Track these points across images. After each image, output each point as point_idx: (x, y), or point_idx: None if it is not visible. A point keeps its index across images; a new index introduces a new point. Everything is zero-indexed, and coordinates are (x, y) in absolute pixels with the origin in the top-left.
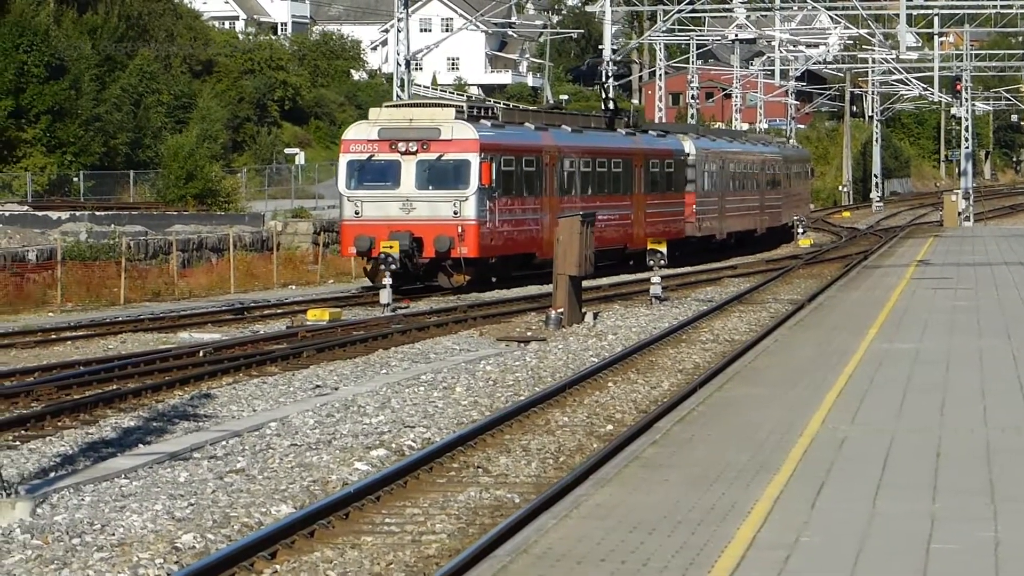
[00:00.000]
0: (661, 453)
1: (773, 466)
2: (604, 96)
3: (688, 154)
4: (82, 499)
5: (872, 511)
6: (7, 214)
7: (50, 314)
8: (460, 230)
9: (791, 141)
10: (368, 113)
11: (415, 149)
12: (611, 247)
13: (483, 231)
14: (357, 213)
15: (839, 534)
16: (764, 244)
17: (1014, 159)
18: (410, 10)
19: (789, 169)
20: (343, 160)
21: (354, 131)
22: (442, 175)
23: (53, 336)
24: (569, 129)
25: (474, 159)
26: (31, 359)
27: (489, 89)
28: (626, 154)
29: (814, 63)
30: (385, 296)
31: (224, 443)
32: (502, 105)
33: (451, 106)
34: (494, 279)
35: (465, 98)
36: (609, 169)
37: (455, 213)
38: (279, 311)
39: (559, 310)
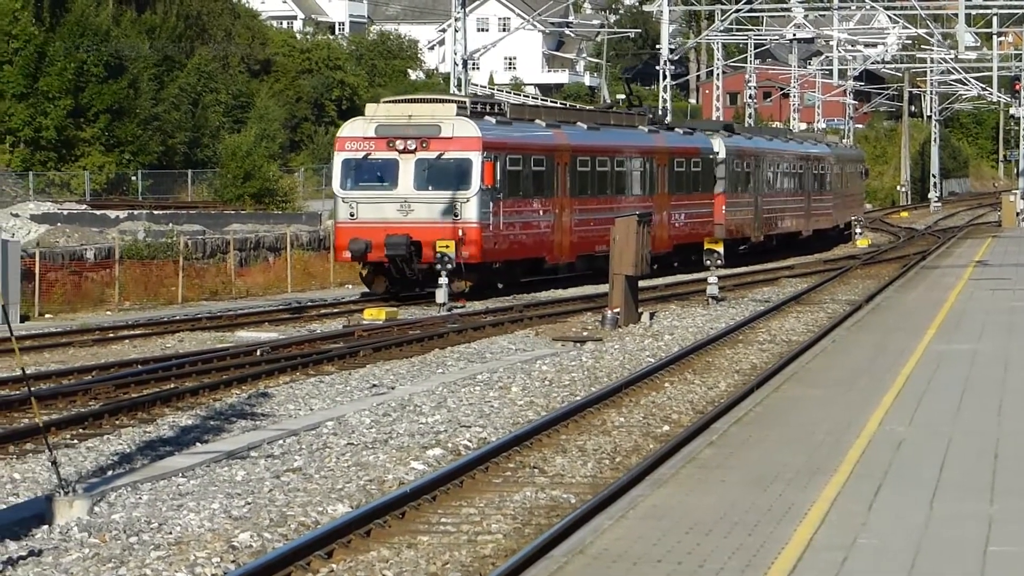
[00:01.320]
0: (718, 454)
1: (830, 467)
2: (627, 92)
3: (717, 152)
4: (139, 497)
5: (929, 513)
6: (66, 213)
7: (108, 313)
8: (461, 234)
9: (845, 140)
10: (365, 108)
11: (414, 147)
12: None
13: (486, 235)
14: (352, 215)
15: (896, 536)
16: (811, 247)
17: None
18: (467, 10)
19: (841, 169)
20: (337, 159)
21: (349, 128)
22: (442, 175)
23: (111, 335)
24: (585, 127)
25: (476, 158)
26: (89, 358)
27: (546, 89)
28: (647, 152)
29: (872, 63)
30: (441, 295)
31: (281, 442)
32: (538, 99)
33: (452, 102)
34: (500, 285)
35: (490, 94)
36: (629, 169)
37: (456, 216)
38: (336, 310)
39: (615, 310)
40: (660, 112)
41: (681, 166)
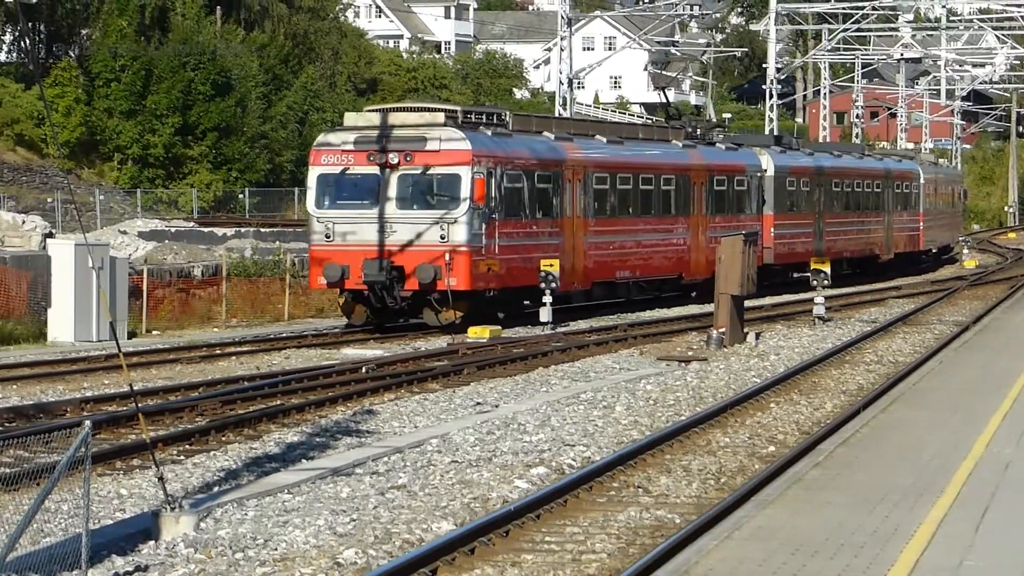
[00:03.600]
0: (824, 475)
1: (937, 489)
2: (664, 103)
3: (765, 170)
4: (245, 514)
5: None
6: (173, 230)
7: (215, 330)
8: (448, 258)
9: (942, 160)
10: (345, 119)
11: (396, 161)
12: (659, 276)
13: (476, 259)
14: (328, 237)
15: (1003, 558)
16: (892, 271)
17: None
18: (573, 29)
19: (933, 188)
20: (312, 173)
21: (326, 139)
22: (427, 192)
23: (218, 351)
24: (605, 140)
25: (465, 173)
26: (196, 374)
27: (651, 107)
28: (681, 170)
29: (980, 83)
30: (545, 314)
31: (386, 459)
32: (643, 117)
33: (440, 110)
34: (501, 315)
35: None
36: (657, 187)
37: (442, 237)
38: (435, 328)
39: (721, 330)
40: (703, 124)
41: (722, 184)
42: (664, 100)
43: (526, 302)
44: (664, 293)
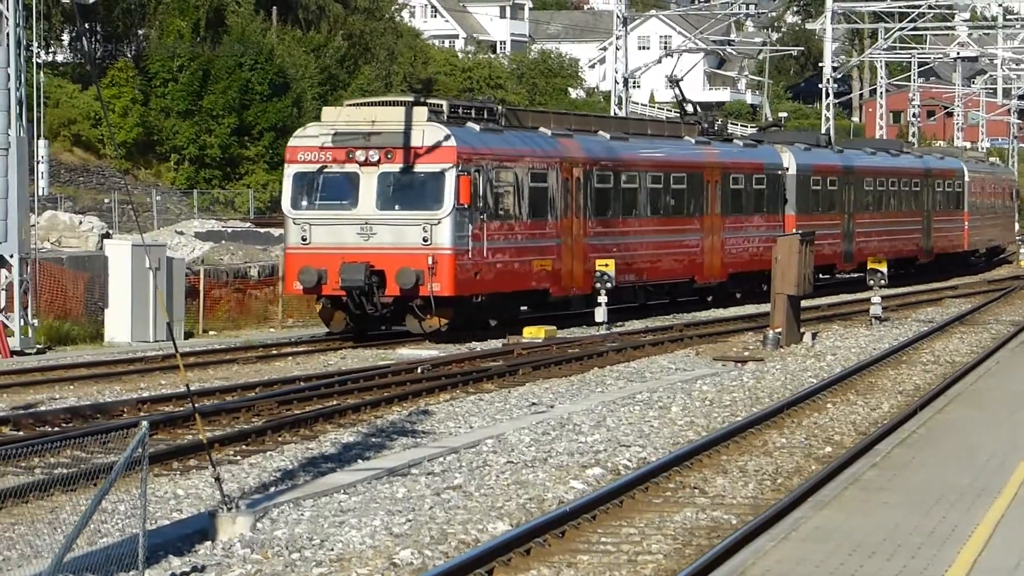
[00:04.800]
0: (881, 476)
1: (994, 489)
2: (679, 98)
3: (786, 168)
4: (302, 514)
5: None
6: (230, 231)
7: (271, 330)
8: (431, 261)
9: (992, 159)
10: (323, 114)
11: (377, 159)
12: (669, 280)
13: (461, 263)
14: (304, 239)
15: None
16: (931, 274)
17: None
18: (629, 28)
19: (981, 187)
20: (288, 172)
21: (302, 136)
22: (409, 192)
23: (274, 352)
24: (608, 136)
25: (449, 171)
26: (252, 374)
27: (707, 107)
28: (693, 167)
29: None
30: (600, 314)
31: (441, 459)
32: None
33: (423, 104)
34: (493, 322)
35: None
36: (666, 185)
37: (425, 240)
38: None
39: (777, 330)
40: (719, 121)
41: (739, 183)
42: (679, 94)
43: (523, 308)
44: (677, 298)
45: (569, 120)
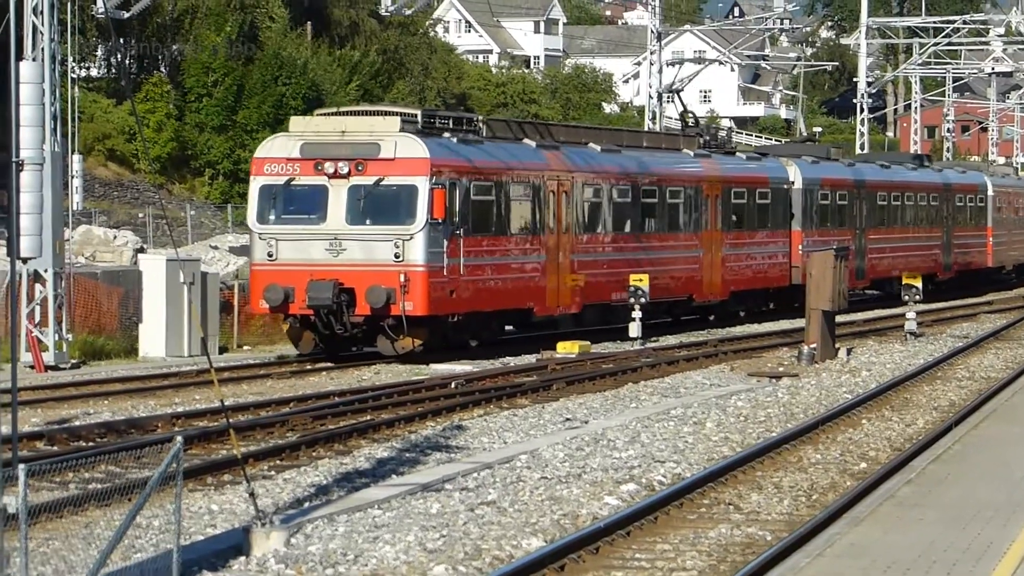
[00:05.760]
0: (916, 492)
1: None
2: (682, 110)
3: (792, 182)
4: (336, 529)
5: None
6: None
7: None
8: (403, 279)
9: (1021, 173)
10: (290, 123)
11: (347, 171)
12: (664, 298)
13: (435, 280)
14: (271, 255)
15: None
16: (951, 292)
17: None
18: (663, 43)
19: (1008, 202)
20: (254, 185)
21: (269, 147)
22: (381, 205)
23: (308, 367)
24: (598, 148)
25: (422, 184)
26: (287, 389)
27: (741, 121)
28: (691, 181)
29: None
30: (635, 329)
31: (475, 475)
32: (732, 131)
33: (396, 114)
34: (474, 343)
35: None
36: (662, 199)
37: (397, 256)
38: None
39: (812, 345)
40: (723, 132)
41: (741, 197)
42: (681, 106)
43: (508, 327)
44: (678, 316)
45: (556, 131)
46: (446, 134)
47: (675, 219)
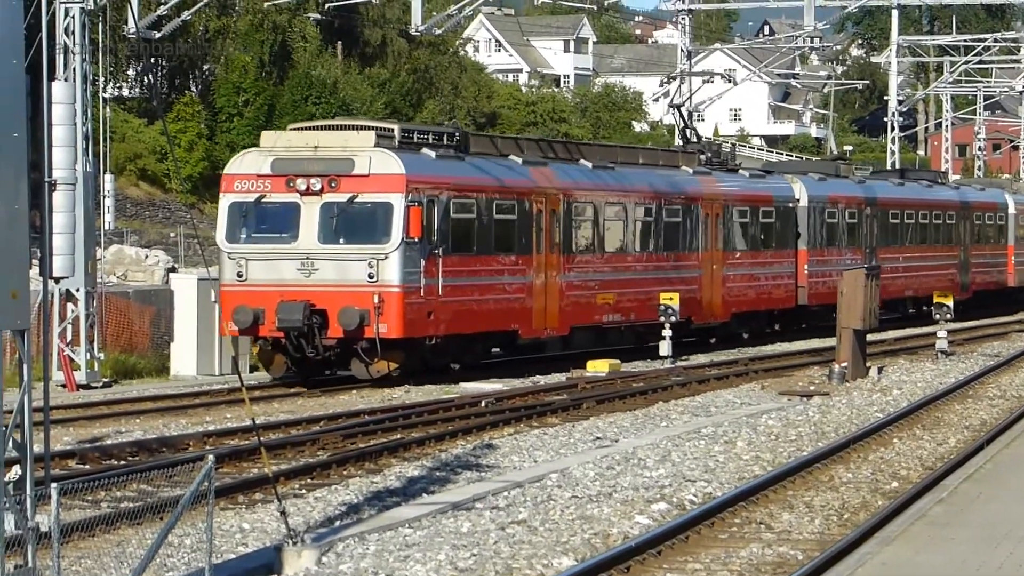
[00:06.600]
0: (948, 511)
1: None
2: (683, 126)
3: (797, 200)
4: (367, 548)
5: None
6: None
7: None
8: (377, 300)
9: None
10: (261, 138)
11: (319, 187)
12: (659, 319)
13: (411, 301)
14: (240, 275)
15: None
16: (968, 312)
17: None
18: (693, 62)
19: None
20: (223, 203)
21: (239, 163)
22: (354, 224)
23: (339, 386)
24: (590, 165)
25: (398, 202)
26: (317, 408)
27: (772, 140)
28: (688, 199)
29: None
30: (665, 348)
31: (506, 493)
32: (763, 150)
33: (371, 128)
34: (455, 366)
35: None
36: (657, 218)
37: (371, 276)
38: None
39: (843, 364)
40: (725, 149)
41: (743, 216)
42: (683, 121)
43: (495, 350)
44: (680, 338)
45: (545, 147)
46: (425, 149)
47: (670, 238)
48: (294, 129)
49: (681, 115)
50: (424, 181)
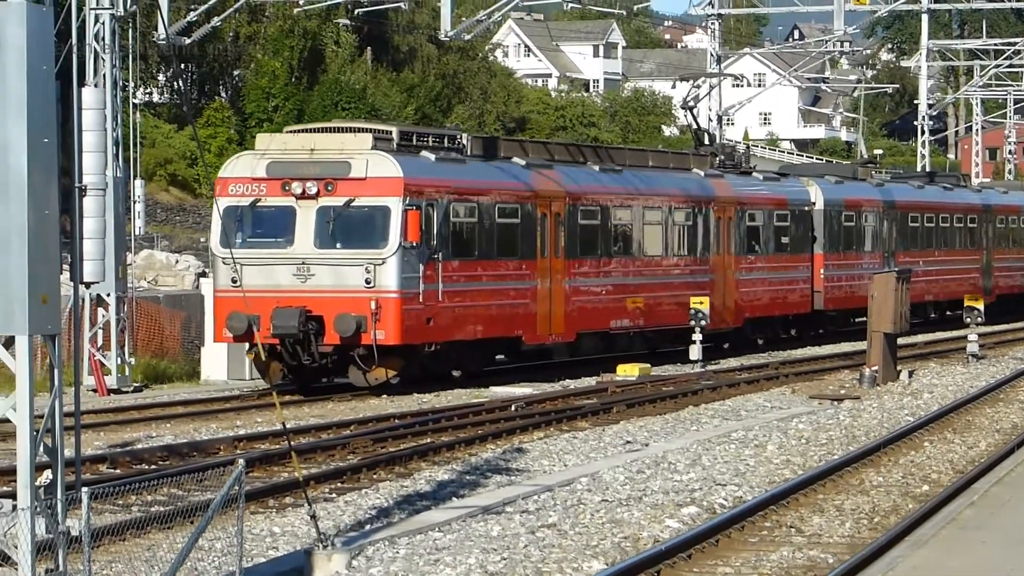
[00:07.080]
0: (979, 515)
1: None
2: (695, 127)
3: (813, 203)
4: (397, 552)
5: None
6: None
7: None
8: (374, 306)
9: None
10: (256, 141)
11: (315, 191)
12: (669, 325)
13: (410, 307)
14: (235, 281)
15: None
16: (991, 316)
17: None
18: (723, 66)
19: None
20: (218, 206)
21: (233, 166)
22: (351, 228)
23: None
24: (596, 167)
25: (395, 205)
26: (348, 412)
27: (802, 144)
28: (701, 202)
29: None
30: (695, 352)
31: (536, 497)
32: (793, 154)
33: (368, 131)
34: (457, 373)
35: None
36: (667, 222)
37: (368, 282)
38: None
39: (873, 368)
40: (740, 151)
41: (756, 219)
42: (694, 123)
43: (499, 356)
44: (684, 343)
45: (549, 149)
46: (424, 152)
47: (679, 242)
48: (290, 131)
49: (694, 116)
50: (423, 184)
